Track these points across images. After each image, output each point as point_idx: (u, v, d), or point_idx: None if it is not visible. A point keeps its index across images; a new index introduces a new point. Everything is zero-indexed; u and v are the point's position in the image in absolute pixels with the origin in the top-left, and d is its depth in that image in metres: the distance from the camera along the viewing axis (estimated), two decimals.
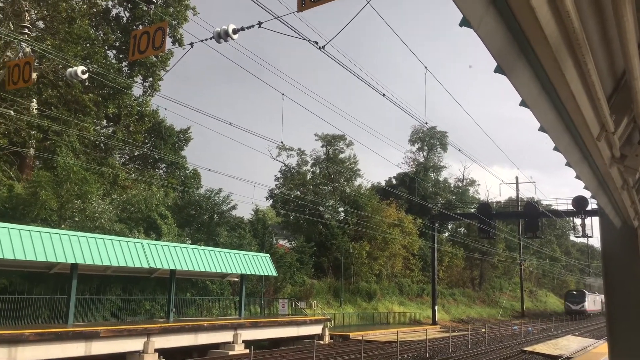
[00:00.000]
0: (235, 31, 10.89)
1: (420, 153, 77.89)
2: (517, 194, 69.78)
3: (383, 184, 71.15)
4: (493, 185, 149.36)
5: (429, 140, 76.22)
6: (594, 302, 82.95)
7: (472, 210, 59.70)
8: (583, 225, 39.30)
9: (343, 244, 49.81)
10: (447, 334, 35.10)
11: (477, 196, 78.64)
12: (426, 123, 20.05)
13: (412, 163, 76.96)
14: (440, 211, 60.31)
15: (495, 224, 48.59)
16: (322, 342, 31.74)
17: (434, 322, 48.81)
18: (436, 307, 50.76)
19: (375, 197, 57.87)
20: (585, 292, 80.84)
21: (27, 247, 20.48)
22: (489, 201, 70.49)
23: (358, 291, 49.91)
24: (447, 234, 73.36)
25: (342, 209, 55.10)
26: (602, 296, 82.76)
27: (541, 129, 2.99)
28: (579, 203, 37.47)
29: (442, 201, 72.06)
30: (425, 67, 16.48)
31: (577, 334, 43.45)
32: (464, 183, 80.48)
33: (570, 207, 41.00)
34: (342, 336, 34.74)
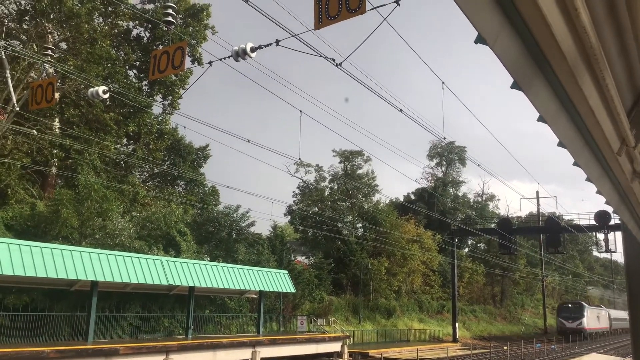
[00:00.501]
0: (253, 49, 10.94)
1: (439, 168, 77.55)
2: (538, 209, 68.86)
3: (401, 199, 70.85)
4: (513, 200, 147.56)
5: (448, 155, 75.87)
6: (596, 318, 66.81)
7: (492, 226, 59.03)
8: (606, 241, 38.56)
9: (362, 260, 49.53)
10: (469, 352, 34.52)
11: (497, 211, 77.77)
12: (444, 138, 19.98)
13: (430, 178, 76.61)
14: (459, 227, 59.72)
15: (516, 239, 47.95)
16: (341, 359, 31.45)
17: (455, 340, 48.06)
18: (457, 324, 50.01)
19: (393, 212, 57.58)
20: (584, 304, 64.27)
21: (49, 265, 20.72)
22: (509, 216, 69.60)
23: (377, 308, 49.46)
24: (467, 249, 72.55)
25: (360, 225, 54.91)
26: (610, 311, 76.16)
27: (560, 144, 2.95)
28: (602, 218, 36.86)
29: (462, 216, 71.41)
30: (443, 83, 16.47)
31: (601, 351, 42.42)
32: (484, 198, 79.73)
33: (593, 222, 40.31)
34: (362, 354, 34.37)
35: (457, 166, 77.05)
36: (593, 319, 64.24)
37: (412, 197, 72.40)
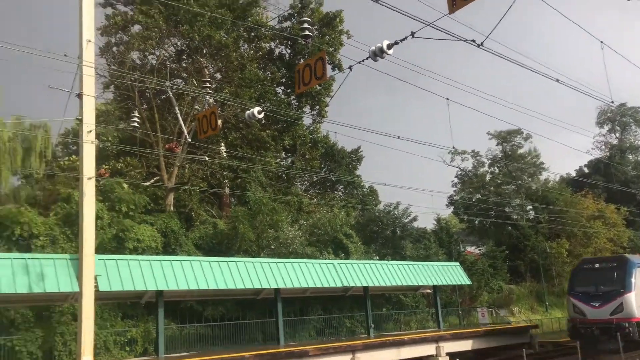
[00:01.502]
0: (389, 46, 10.87)
1: (612, 135, 69.84)
2: None
3: (573, 174, 64.95)
4: None
5: (621, 119, 68.05)
6: None
7: None
8: None
9: (538, 244, 46.20)
10: None
11: None
12: (612, 102, 18.05)
13: (604, 147, 69.28)
14: None
15: None
16: (532, 351, 29.40)
17: None
18: None
19: (566, 189, 52.91)
20: (632, 259, 27.12)
21: (235, 277, 22.36)
22: None
23: (564, 293, 45.60)
24: None
25: (530, 207, 51.33)
26: None
27: None
28: None
29: None
30: (601, 42, 14.84)
31: None
32: None
33: None
34: (554, 343, 31.83)
35: (633, 130, 68.79)
36: None
37: (586, 170, 65.98)
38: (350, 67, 12.67)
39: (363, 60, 11.82)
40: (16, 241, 22.27)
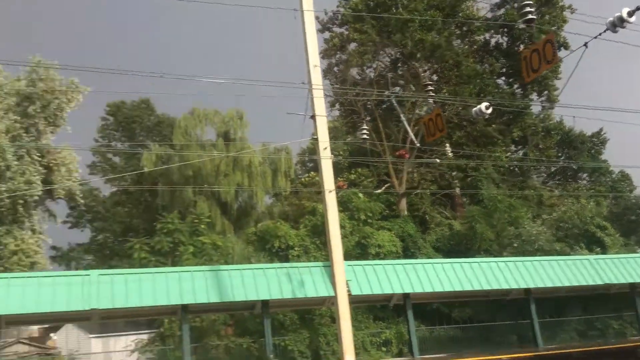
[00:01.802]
0: (630, 14, 10.10)
1: None
2: None
3: None
4: None
5: None
6: None
7: None
8: None
9: None
10: None
11: None
12: None
13: None
14: None
15: None
16: None
17: None
18: None
19: None
20: None
21: (481, 277, 21.58)
22: None
23: None
24: None
25: None
26: None
27: None
28: None
29: None
30: None
31: None
32: None
33: None
34: None
35: None
36: None
37: None
38: (585, 44, 11.66)
39: (600, 35, 10.96)
40: (276, 252, 25.07)
